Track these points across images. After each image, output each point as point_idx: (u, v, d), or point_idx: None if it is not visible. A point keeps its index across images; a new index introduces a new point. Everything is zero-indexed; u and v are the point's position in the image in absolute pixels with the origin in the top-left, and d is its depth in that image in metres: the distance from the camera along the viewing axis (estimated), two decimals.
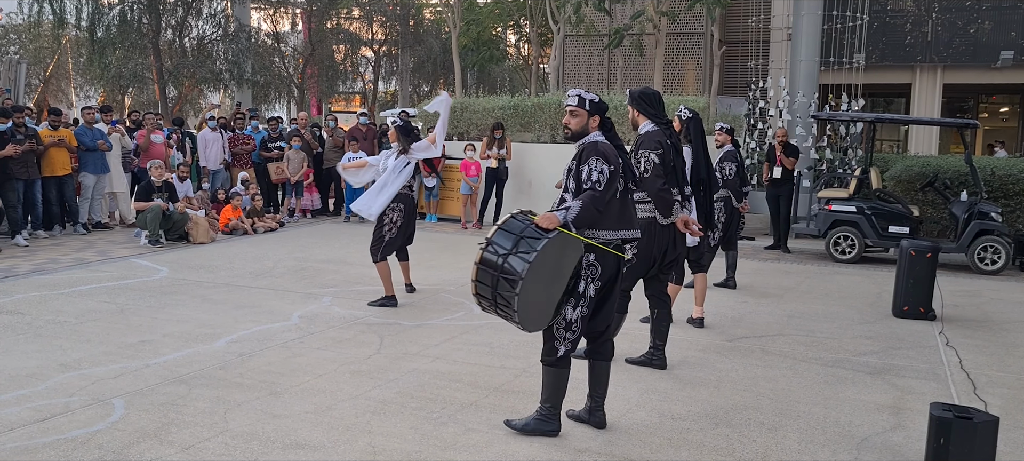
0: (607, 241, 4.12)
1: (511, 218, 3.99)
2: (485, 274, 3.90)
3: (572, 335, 4.10)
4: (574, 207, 3.96)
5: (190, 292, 7.68)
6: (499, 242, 3.89)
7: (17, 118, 10.41)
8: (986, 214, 10.09)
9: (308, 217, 13.87)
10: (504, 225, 3.95)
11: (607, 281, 4.15)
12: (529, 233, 3.87)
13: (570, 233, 3.94)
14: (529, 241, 3.83)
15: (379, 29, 28.80)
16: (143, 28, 20.24)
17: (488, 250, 3.90)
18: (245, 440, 4.09)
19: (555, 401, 4.22)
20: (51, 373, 5.10)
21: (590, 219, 3.99)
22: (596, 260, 4.08)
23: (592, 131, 4.23)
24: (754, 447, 4.20)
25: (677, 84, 20.64)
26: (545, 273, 3.89)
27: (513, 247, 3.83)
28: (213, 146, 13.24)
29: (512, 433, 4.25)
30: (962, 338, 6.67)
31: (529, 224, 3.92)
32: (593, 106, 4.21)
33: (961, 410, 3.79)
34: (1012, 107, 24.76)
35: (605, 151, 4.10)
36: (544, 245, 3.81)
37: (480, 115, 14.63)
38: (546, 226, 3.87)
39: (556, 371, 4.17)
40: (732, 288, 8.49)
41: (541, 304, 3.96)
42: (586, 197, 3.98)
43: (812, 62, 13.67)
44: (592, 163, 4.05)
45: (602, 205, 4.00)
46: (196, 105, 27.86)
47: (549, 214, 3.94)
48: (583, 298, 4.08)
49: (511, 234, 3.89)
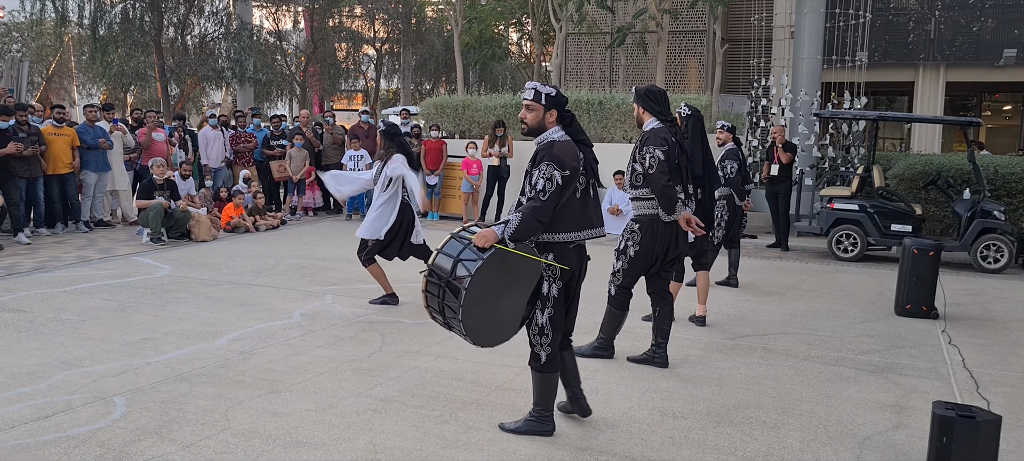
0: (566, 242, 4.00)
1: (451, 239, 3.92)
2: (433, 299, 3.90)
3: (548, 339, 4.04)
4: (512, 221, 3.84)
5: (192, 290, 7.69)
6: (441, 265, 3.84)
7: (20, 116, 10.42)
8: (989, 212, 10.07)
9: (310, 215, 13.87)
10: (444, 248, 3.89)
11: (569, 279, 4.07)
12: (466, 255, 3.79)
13: (508, 249, 3.82)
14: (465, 264, 3.76)
15: (381, 27, 28.80)
16: (145, 26, 20.25)
17: (431, 278, 3.87)
18: (246, 438, 4.09)
19: (546, 404, 4.19)
20: (53, 371, 5.10)
21: (530, 231, 3.84)
22: (555, 260, 3.98)
23: (550, 126, 4.03)
24: (756, 446, 4.19)
25: (679, 82, 20.61)
26: (490, 289, 3.81)
27: (451, 271, 3.78)
28: (214, 144, 13.25)
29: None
30: (965, 337, 6.66)
31: (467, 244, 3.84)
32: (549, 100, 4.01)
33: (964, 409, 3.77)
34: (1015, 105, 24.70)
35: (560, 154, 3.91)
36: (478, 267, 3.73)
37: (482, 113, 14.62)
38: (482, 245, 3.77)
39: (543, 376, 4.13)
40: (734, 286, 8.48)
41: (497, 319, 3.91)
42: (527, 208, 3.84)
43: (814, 60, 13.65)
44: (543, 168, 3.88)
45: (546, 215, 3.85)
46: (198, 103, 27.88)
47: (487, 231, 3.82)
48: (548, 300, 4.01)
49: (450, 257, 3.83)
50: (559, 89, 4.14)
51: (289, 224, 12.78)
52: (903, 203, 10.76)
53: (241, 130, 13.83)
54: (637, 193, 5.30)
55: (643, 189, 5.24)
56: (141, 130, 12.49)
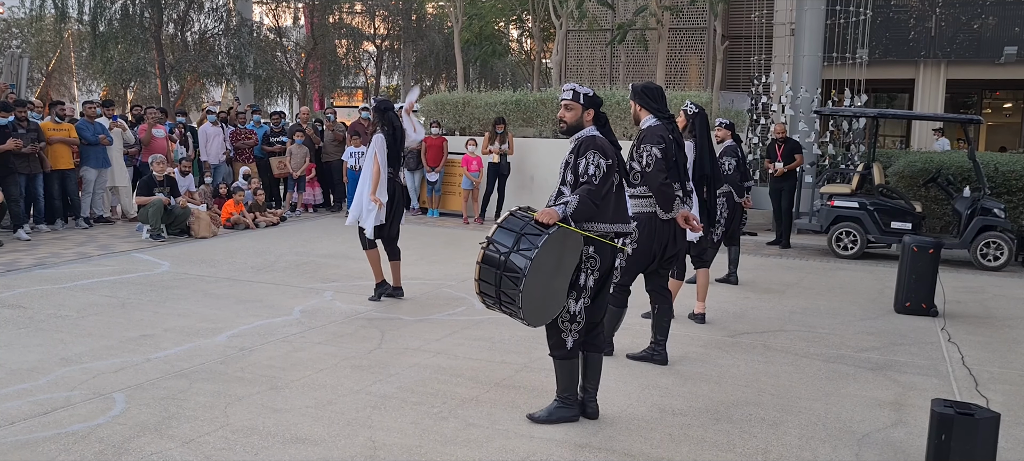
0: (604, 233, 4.17)
1: (511, 216, 4.02)
2: (488, 272, 3.93)
3: (577, 327, 4.19)
4: (572, 201, 4.00)
5: (191, 287, 7.69)
6: (500, 240, 3.91)
7: (20, 112, 10.41)
8: (989, 210, 10.06)
9: (310, 212, 13.87)
10: (504, 222, 3.98)
11: (604, 273, 4.23)
12: (529, 230, 3.89)
13: (569, 227, 3.96)
14: (530, 238, 3.85)
15: (381, 24, 28.76)
16: (145, 22, 20.23)
17: (490, 249, 3.92)
18: (245, 434, 4.09)
19: (571, 390, 4.34)
20: (52, 367, 5.11)
21: (588, 212, 4.03)
22: (595, 252, 4.15)
23: (587, 125, 4.28)
24: (755, 443, 4.20)
25: (680, 79, 20.59)
26: (547, 268, 3.91)
27: (515, 244, 3.86)
28: (214, 140, 13.25)
29: (513, 427, 4.25)
30: (964, 334, 6.66)
31: (529, 220, 3.95)
32: (587, 100, 4.26)
33: (963, 406, 3.77)
34: (1016, 103, 24.70)
35: (602, 146, 4.15)
36: (545, 241, 3.83)
37: (482, 110, 14.61)
38: (546, 221, 3.90)
39: (567, 363, 4.28)
40: (734, 284, 8.48)
41: (544, 299, 3.99)
42: (583, 190, 4.02)
43: (815, 57, 13.64)
44: (590, 157, 4.09)
45: (599, 199, 4.05)
46: (198, 99, 27.86)
47: (548, 209, 3.97)
48: (584, 290, 4.17)
49: (512, 231, 3.92)
50: (595, 92, 4.35)
51: (289, 221, 12.78)
52: (903, 200, 10.75)
53: (241, 127, 13.82)
54: (635, 191, 5.30)
55: (641, 187, 5.24)
56: (141, 126, 12.49)
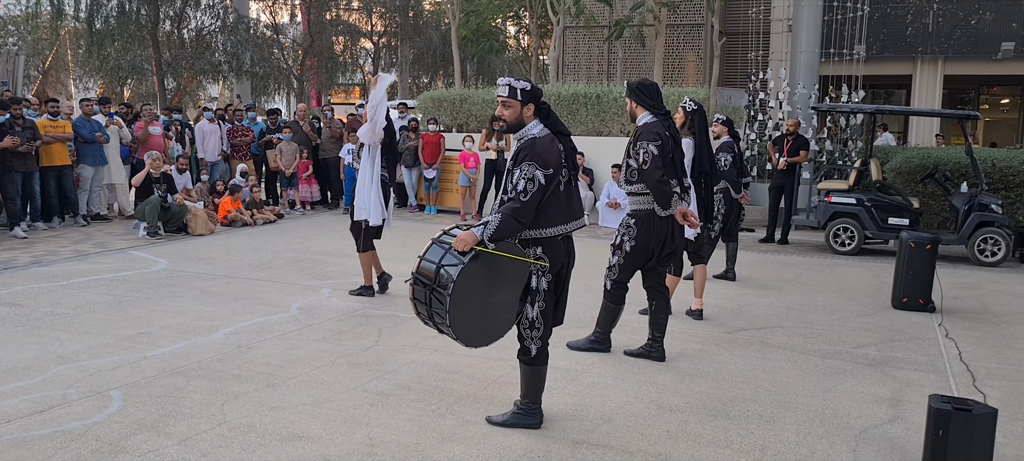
0: (553, 236, 4.01)
1: (433, 244, 3.91)
2: (421, 307, 3.90)
3: (538, 332, 4.07)
4: (492, 222, 3.80)
5: (188, 284, 7.68)
6: (425, 271, 3.84)
7: (15, 110, 10.39)
8: (986, 206, 10.07)
9: (308, 209, 13.85)
10: (426, 255, 3.88)
11: (558, 271, 4.09)
12: (447, 261, 3.78)
13: (488, 250, 3.79)
14: (448, 269, 3.75)
15: (378, 20, 28.73)
16: (141, 19, 20.19)
17: (416, 285, 3.86)
18: (243, 432, 4.08)
19: (534, 396, 4.22)
20: (49, 365, 5.10)
21: (510, 231, 3.82)
22: (544, 253, 4.00)
23: (528, 121, 4.03)
24: (752, 439, 4.20)
25: (677, 75, 20.57)
26: (476, 291, 3.81)
27: (434, 279, 3.78)
28: (211, 138, 13.22)
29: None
30: (961, 330, 6.66)
31: (448, 249, 3.82)
32: (525, 95, 3.99)
33: (960, 402, 3.78)
34: (1013, 98, 24.71)
35: (543, 151, 3.91)
36: (460, 271, 3.72)
37: (479, 107, 14.60)
38: (462, 249, 3.75)
39: (532, 368, 4.17)
40: (731, 280, 8.48)
41: (489, 317, 3.91)
42: (507, 209, 3.83)
43: (812, 53, 13.64)
44: (524, 168, 3.86)
45: (526, 216, 3.84)
46: (195, 97, 27.82)
47: (466, 234, 3.79)
48: (538, 294, 4.03)
49: (432, 263, 3.82)
50: (533, 82, 4.12)
51: (286, 218, 12.76)
52: (900, 196, 10.76)
53: (238, 124, 13.80)
54: (632, 188, 5.29)
55: (638, 184, 5.23)
56: (138, 124, 12.46)
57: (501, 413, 4.33)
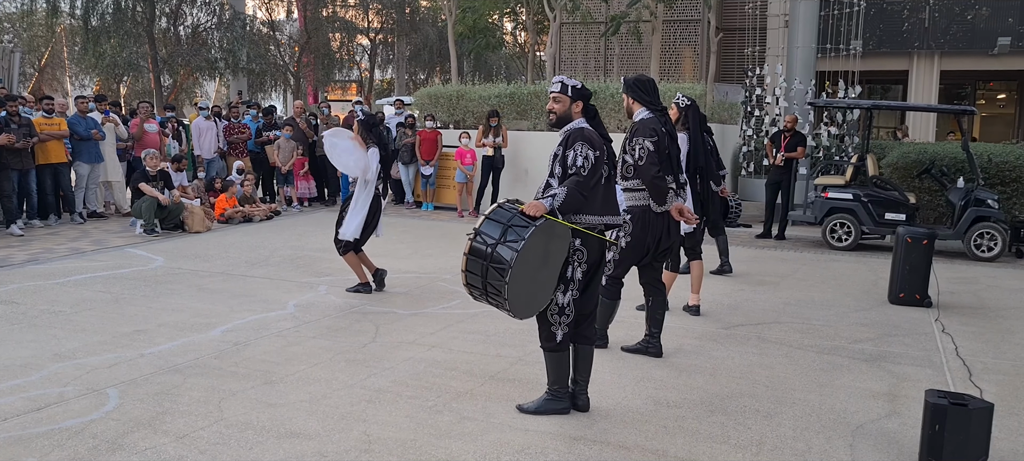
0: (592, 226, 4.18)
1: (498, 207, 4.01)
2: (475, 264, 3.92)
3: (566, 319, 4.20)
4: (560, 193, 4.00)
5: (185, 281, 7.67)
6: (487, 231, 3.90)
7: (11, 107, 10.36)
8: (983, 201, 10.09)
9: (305, 206, 13.84)
10: (492, 214, 3.97)
11: (592, 265, 4.24)
12: (516, 221, 3.89)
13: (557, 219, 3.97)
14: (517, 229, 3.85)
15: (375, 17, 28.70)
16: (137, 16, 20.16)
17: (477, 240, 3.91)
18: (240, 429, 4.08)
19: (562, 382, 4.35)
20: (46, 363, 5.09)
21: (576, 204, 4.04)
22: (582, 244, 4.16)
23: (576, 117, 4.30)
24: (749, 434, 4.20)
25: (674, 71, 20.59)
26: (534, 260, 3.91)
27: (501, 236, 3.85)
28: (207, 135, 13.21)
29: (508, 420, 4.25)
30: (958, 325, 6.68)
31: (516, 212, 3.94)
32: (575, 92, 4.28)
33: (956, 397, 3.79)
34: (1009, 93, 24.76)
35: (590, 137, 4.16)
36: (532, 233, 3.82)
37: (476, 103, 14.59)
38: (533, 214, 3.90)
39: (556, 355, 4.29)
40: (728, 273, 8.49)
41: (532, 291, 3.98)
42: (571, 182, 4.03)
43: (809, 49, 13.63)
44: (578, 148, 4.10)
45: (587, 190, 4.06)
46: (191, 94, 27.79)
47: (536, 202, 3.97)
48: (572, 282, 4.17)
49: (499, 223, 3.91)
50: (584, 84, 4.36)
51: (283, 215, 12.75)
52: (897, 192, 10.77)
53: (235, 121, 13.79)
54: (628, 184, 5.29)
55: (634, 180, 5.23)
56: (134, 121, 12.45)
57: (531, 401, 4.44)
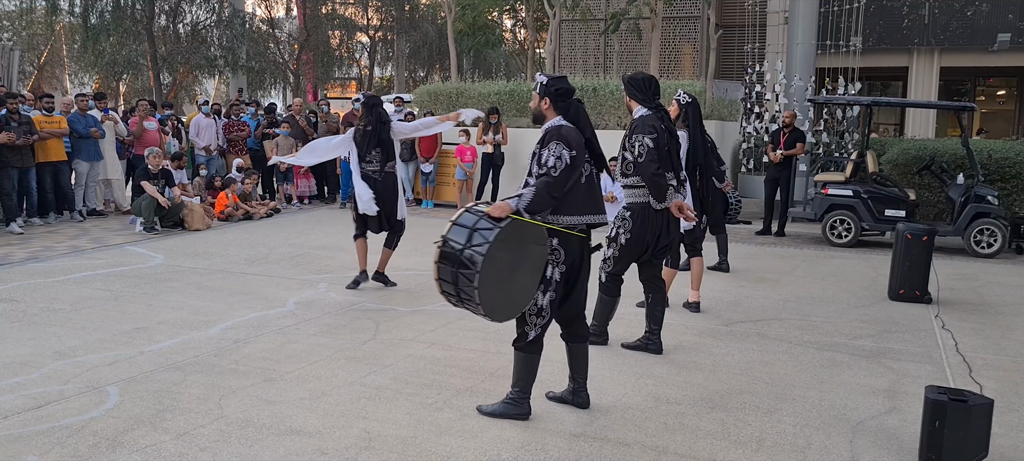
0: (571, 225, 4.08)
1: (466, 211, 3.98)
2: (445, 271, 3.91)
3: (542, 320, 4.11)
4: (526, 194, 3.95)
5: (185, 279, 7.67)
6: (454, 238, 3.88)
7: (11, 105, 10.35)
8: (982, 197, 10.08)
9: (305, 203, 13.84)
10: (458, 220, 3.94)
11: (572, 265, 4.13)
12: (481, 225, 3.85)
13: (523, 219, 3.90)
14: (482, 232, 3.82)
15: (374, 14, 28.69)
16: (136, 14, 20.14)
17: (445, 247, 3.90)
18: (240, 426, 4.08)
19: (524, 385, 4.24)
20: (45, 361, 5.09)
21: (544, 204, 3.96)
22: (559, 244, 4.07)
23: (548, 114, 4.21)
24: (749, 431, 4.20)
25: (673, 68, 20.57)
26: (504, 261, 3.86)
27: (467, 241, 3.83)
28: (206, 132, 13.20)
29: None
30: (958, 321, 6.68)
31: (482, 215, 3.90)
32: (543, 89, 4.20)
33: (956, 393, 3.79)
34: (1009, 90, 24.74)
35: (567, 136, 4.06)
36: (495, 235, 3.78)
37: (476, 100, 14.58)
38: (498, 215, 3.85)
39: (526, 356, 4.19)
40: (726, 271, 8.49)
41: (509, 292, 3.94)
42: (540, 183, 3.96)
43: (809, 45, 13.63)
44: (552, 147, 4.02)
45: (558, 191, 3.97)
46: (191, 92, 27.78)
47: (501, 203, 3.92)
48: (550, 283, 4.08)
49: (465, 228, 3.88)
50: (560, 78, 4.27)
51: (283, 212, 12.75)
52: (897, 188, 10.77)
53: (235, 118, 13.78)
54: (628, 181, 5.29)
55: (633, 177, 5.23)
56: (133, 119, 12.44)
57: (490, 403, 4.36)
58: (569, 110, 4.21)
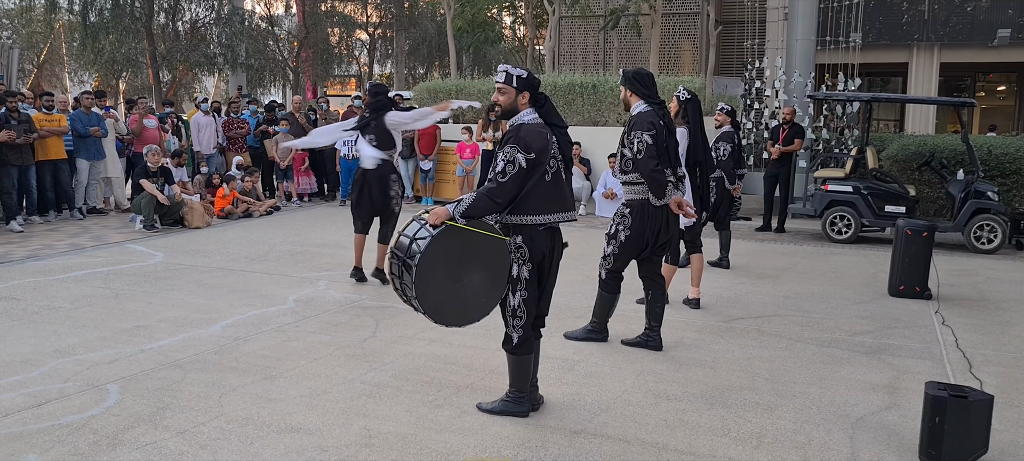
0: (535, 224, 3.99)
1: (412, 220, 3.97)
2: (395, 280, 3.96)
3: (520, 321, 4.06)
4: (466, 199, 3.88)
5: (185, 277, 7.67)
6: (400, 244, 3.91)
7: (11, 103, 10.34)
8: (982, 193, 10.08)
9: (305, 201, 13.83)
10: (404, 229, 3.96)
11: (539, 262, 4.05)
12: (421, 233, 3.85)
13: (459, 225, 3.83)
14: (420, 241, 3.83)
15: (374, 11, 28.65)
16: (136, 12, 20.11)
17: (393, 259, 3.93)
18: (240, 424, 4.08)
19: (521, 385, 4.22)
20: (46, 359, 5.09)
21: (483, 211, 3.86)
22: (524, 242, 3.99)
23: (522, 109, 4.04)
24: (749, 427, 4.20)
25: (673, 65, 20.56)
26: (447, 267, 3.85)
27: (408, 248, 3.85)
28: (206, 130, 13.19)
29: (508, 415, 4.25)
30: (958, 317, 6.68)
31: (422, 224, 3.89)
32: (520, 82, 4.01)
33: (956, 389, 3.79)
34: (1009, 85, 24.70)
35: (527, 136, 3.90)
36: (429, 243, 3.78)
37: (476, 97, 14.56)
38: (433, 222, 3.81)
39: (516, 358, 4.17)
40: (726, 268, 8.49)
41: (462, 298, 3.93)
42: (483, 189, 3.89)
43: (808, 41, 13.61)
44: (507, 151, 3.88)
45: (502, 196, 3.85)
46: (190, 89, 27.76)
47: (438, 209, 3.87)
48: (519, 282, 4.02)
49: (408, 237, 3.90)
50: (531, 71, 4.13)
51: (283, 210, 12.74)
52: (897, 184, 10.77)
53: (234, 116, 13.77)
54: (627, 178, 5.29)
55: (633, 173, 5.23)
56: (132, 117, 12.43)
57: (490, 401, 4.36)
58: (542, 102, 4.08)
